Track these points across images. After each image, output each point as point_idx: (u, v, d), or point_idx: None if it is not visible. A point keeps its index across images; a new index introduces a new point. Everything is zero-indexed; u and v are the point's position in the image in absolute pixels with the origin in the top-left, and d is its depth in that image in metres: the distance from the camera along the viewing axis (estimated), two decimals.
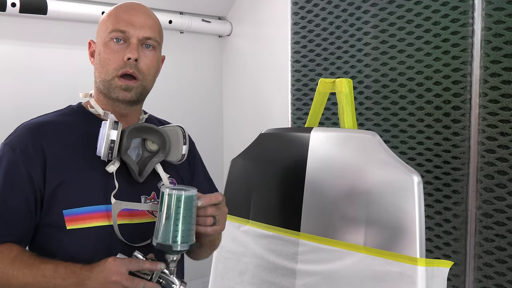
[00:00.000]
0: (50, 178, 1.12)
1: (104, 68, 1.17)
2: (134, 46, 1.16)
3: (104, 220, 1.14)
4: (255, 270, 1.60)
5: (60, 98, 1.45)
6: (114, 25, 1.16)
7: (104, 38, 1.17)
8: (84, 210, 1.13)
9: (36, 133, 1.15)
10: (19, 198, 1.11)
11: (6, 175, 1.13)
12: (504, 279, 1.65)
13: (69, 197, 1.13)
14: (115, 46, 1.16)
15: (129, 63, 1.15)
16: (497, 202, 1.65)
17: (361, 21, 2.01)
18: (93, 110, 1.22)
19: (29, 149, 1.13)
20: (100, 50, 1.18)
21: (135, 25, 1.17)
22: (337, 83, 1.56)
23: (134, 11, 1.19)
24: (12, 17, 2.10)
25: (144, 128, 1.20)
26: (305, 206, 1.51)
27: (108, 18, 1.19)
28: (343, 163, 1.45)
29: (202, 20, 2.76)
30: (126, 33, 1.16)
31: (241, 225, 1.66)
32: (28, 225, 1.14)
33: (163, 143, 1.20)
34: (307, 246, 1.49)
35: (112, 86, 1.17)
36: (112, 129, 1.11)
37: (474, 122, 1.71)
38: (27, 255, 1.10)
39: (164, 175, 1.23)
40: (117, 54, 1.16)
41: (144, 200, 1.20)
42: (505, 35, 1.61)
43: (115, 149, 1.12)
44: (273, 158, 1.63)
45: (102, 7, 2.29)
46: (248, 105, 2.86)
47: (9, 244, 1.11)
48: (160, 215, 1.06)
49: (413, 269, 1.28)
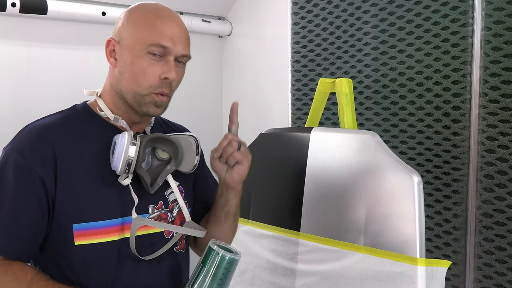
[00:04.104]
0: (61, 187, 1.06)
1: (137, 80, 1.10)
2: (173, 65, 1.10)
3: (115, 235, 1.10)
4: (255, 270, 1.60)
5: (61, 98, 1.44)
6: (156, 39, 1.09)
7: (140, 49, 1.09)
8: (96, 225, 1.08)
9: (46, 136, 1.08)
10: (33, 207, 1.05)
11: (17, 183, 1.04)
12: (504, 279, 1.65)
13: (80, 210, 1.07)
14: (151, 61, 1.09)
15: (165, 83, 1.11)
16: (497, 202, 1.65)
17: (361, 21, 2.01)
18: (102, 113, 1.16)
19: (40, 153, 1.06)
20: (132, 59, 1.10)
21: (176, 42, 1.10)
22: (337, 83, 1.56)
23: (173, 23, 1.12)
24: (12, 17, 2.10)
25: (159, 138, 1.16)
26: (305, 206, 1.51)
27: (144, 25, 1.10)
28: (343, 163, 1.45)
29: (202, 20, 2.76)
30: (166, 49, 1.09)
31: (241, 225, 1.66)
32: (41, 237, 1.08)
33: (175, 153, 1.16)
34: (307, 246, 1.49)
35: (146, 100, 1.11)
36: (131, 145, 1.06)
37: (474, 122, 1.71)
38: (43, 279, 1.04)
39: (174, 184, 1.19)
40: (153, 70, 1.09)
41: (152, 210, 1.17)
42: (505, 35, 1.61)
43: (132, 165, 1.07)
44: (273, 158, 1.63)
45: (102, 7, 2.29)
46: (248, 105, 2.86)
47: (22, 265, 1.05)
48: (202, 269, 1.06)
49: (413, 269, 1.28)
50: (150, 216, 1.16)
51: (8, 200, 1.05)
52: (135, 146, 1.07)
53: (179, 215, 1.22)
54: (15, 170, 1.05)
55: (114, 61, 1.13)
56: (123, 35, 1.12)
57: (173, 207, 1.22)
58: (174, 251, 1.22)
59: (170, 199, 1.21)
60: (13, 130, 1.15)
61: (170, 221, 1.20)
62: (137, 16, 1.13)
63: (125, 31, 1.12)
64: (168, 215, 1.20)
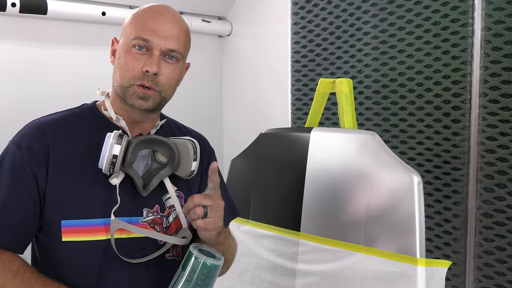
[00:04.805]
0: (52, 183, 1.07)
1: (122, 73, 1.11)
2: (156, 58, 1.09)
3: (102, 235, 1.10)
4: (255, 270, 1.60)
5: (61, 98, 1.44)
6: (137, 32, 1.10)
7: (127, 43, 1.11)
8: (82, 222, 1.08)
9: (43, 132, 1.10)
10: (25, 200, 1.06)
11: (12, 176, 1.07)
12: (504, 279, 1.65)
13: (69, 207, 1.08)
14: (136, 54, 1.10)
15: (147, 75, 1.10)
16: (497, 202, 1.65)
17: (361, 21, 2.01)
18: (106, 112, 1.16)
19: (35, 149, 1.08)
20: (120, 54, 1.12)
21: (160, 35, 1.10)
22: (337, 83, 1.56)
23: (161, 17, 1.12)
24: (12, 17, 2.10)
25: (153, 140, 1.14)
26: (305, 206, 1.51)
27: (133, 21, 1.13)
28: (343, 163, 1.45)
29: (202, 20, 2.76)
30: (149, 43, 1.09)
31: (241, 225, 1.66)
32: (32, 230, 1.09)
33: (172, 157, 1.14)
34: (307, 246, 1.49)
35: (129, 92, 1.11)
36: (115, 144, 1.06)
37: (474, 122, 1.71)
38: (29, 271, 1.05)
39: (172, 189, 1.16)
40: (137, 62, 1.10)
41: (146, 214, 1.15)
42: (505, 35, 1.60)
43: (117, 164, 1.06)
44: (273, 158, 1.63)
45: (102, 7, 2.29)
46: (248, 105, 2.86)
47: (11, 254, 1.06)
48: (181, 273, 1.04)
49: (413, 269, 1.28)
50: (143, 220, 1.14)
51: (1, 191, 1.07)
52: (120, 145, 1.06)
53: (175, 222, 1.19)
54: (12, 163, 1.08)
55: (113, 59, 1.16)
56: (121, 34, 1.16)
57: (170, 213, 1.19)
58: (166, 258, 1.19)
59: (167, 204, 1.18)
60: (13, 130, 1.16)
61: (165, 227, 1.18)
62: (133, 15, 1.16)
63: (122, 30, 1.15)
64: (163, 220, 1.18)
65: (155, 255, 1.15)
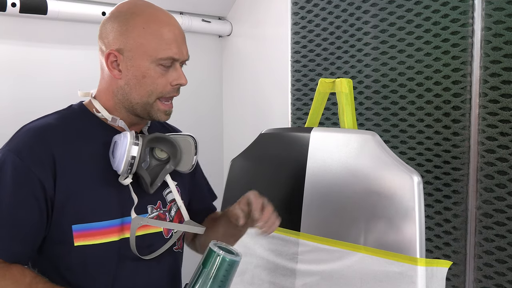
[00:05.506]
0: (60, 188, 1.05)
1: (148, 91, 1.11)
2: (181, 71, 1.14)
3: (115, 236, 1.10)
4: (255, 270, 1.60)
5: (60, 98, 1.44)
6: (167, 53, 1.10)
7: (150, 61, 1.10)
8: (95, 225, 1.07)
9: (44, 137, 1.07)
10: (32, 210, 1.03)
11: (15, 185, 1.03)
12: (504, 279, 1.65)
13: (80, 211, 1.07)
14: (162, 71, 1.11)
15: (176, 88, 1.14)
16: (497, 202, 1.65)
17: (361, 21, 2.01)
18: (99, 114, 1.15)
19: (38, 154, 1.04)
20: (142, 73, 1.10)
21: (183, 52, 1.14)
22: (337, 83, 1.56)
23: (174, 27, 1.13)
24: (12, 17, 2.10)
25: (159, 138, 1.16)
26: (305, 206, 1.51)
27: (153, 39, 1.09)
28: (343, 163, 1.45)
29: (202, 20, 2.76)
30: (176, 59, 1.13)
31: None
32: (39, 240, 1.08)
33: (174, 153, 1.17)
34: (307, 246, 1.49)
35: (154, 109, 1.13)
36: (133, 145, 1.06)
37: (474, 122, 1.71)
38: (41, 282, 1.04)
39: (172, 184, 1.20)
40: (164, 78, 1.12)
41: (151, 210, 1.16)
42: (505, 35, 1.60)
43: (135, 165, 1.07)
44: (273, 158, 1.63)
45: (102, 7, 2.29)
46: (248, 105, 2.86)
47: (20, 267, 1.04)
48: (202, 271, 1.05)
49: (413, 269, 1.28)
50: (150, 216, 1.16)
51: (5, 202, 1.03)
52: (138, 146, 1.07)
53: (177, 215, 1.23)
54: (13, 171, 1.04)
55: (119, 72, 1.11)
56: (126, 46, 1.10)
57: (171, 207, 1.22)
58: (173, 250, 1.22)
59: (168, 199, 1.21)
60: (13, 130, 1.15)
61: (168, 221, 1.21)
62: (137, 25, 1.10)
63: (128, 41, 1.10)
64: (166, 215, 1.21)
65: (165, 247, 1.18)
